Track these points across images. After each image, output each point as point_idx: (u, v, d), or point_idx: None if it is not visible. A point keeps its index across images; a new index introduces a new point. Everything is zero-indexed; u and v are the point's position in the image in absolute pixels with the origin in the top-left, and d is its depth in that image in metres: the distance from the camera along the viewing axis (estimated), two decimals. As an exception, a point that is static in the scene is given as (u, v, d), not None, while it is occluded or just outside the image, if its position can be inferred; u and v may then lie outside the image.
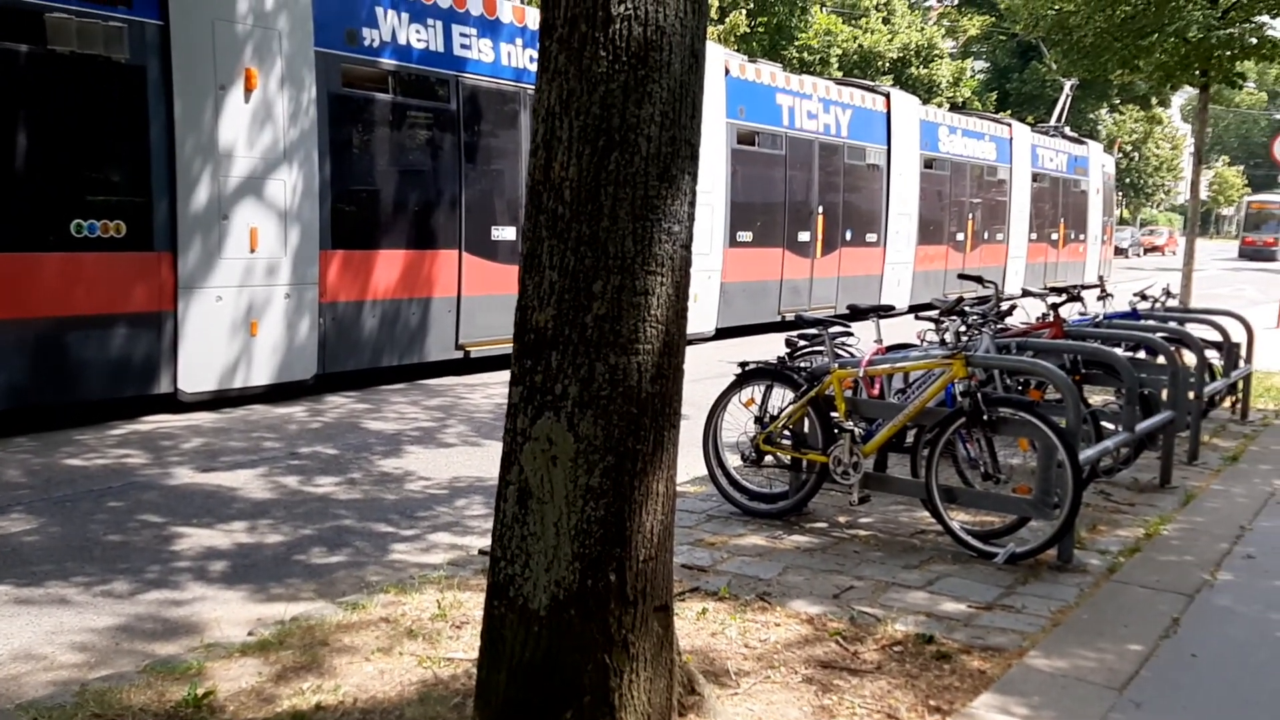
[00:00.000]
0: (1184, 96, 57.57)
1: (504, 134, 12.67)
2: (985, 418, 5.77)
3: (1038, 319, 8.21)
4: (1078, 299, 8.85)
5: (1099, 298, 9.50)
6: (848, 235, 19.18)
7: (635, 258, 3.35)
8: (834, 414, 6.34)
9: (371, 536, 6.14)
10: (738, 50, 28.28)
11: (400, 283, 11.36)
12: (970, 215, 23.08)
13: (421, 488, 7.22)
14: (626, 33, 3.25)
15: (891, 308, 8.25)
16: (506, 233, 12.43)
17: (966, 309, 7.44)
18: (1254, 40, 16.27)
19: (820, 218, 18.37)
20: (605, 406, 3.35)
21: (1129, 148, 46.85)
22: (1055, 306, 8.24)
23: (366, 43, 10.76)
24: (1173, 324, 9.26)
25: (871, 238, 19.78)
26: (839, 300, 18.20)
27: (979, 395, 5.81)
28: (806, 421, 6.45)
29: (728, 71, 16.05)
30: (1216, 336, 9.56)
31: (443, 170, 11.82)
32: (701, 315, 15.38)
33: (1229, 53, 16.27)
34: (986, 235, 23.94)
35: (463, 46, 11.88)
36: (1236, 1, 16.37)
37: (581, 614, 3.40)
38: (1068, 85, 34.55)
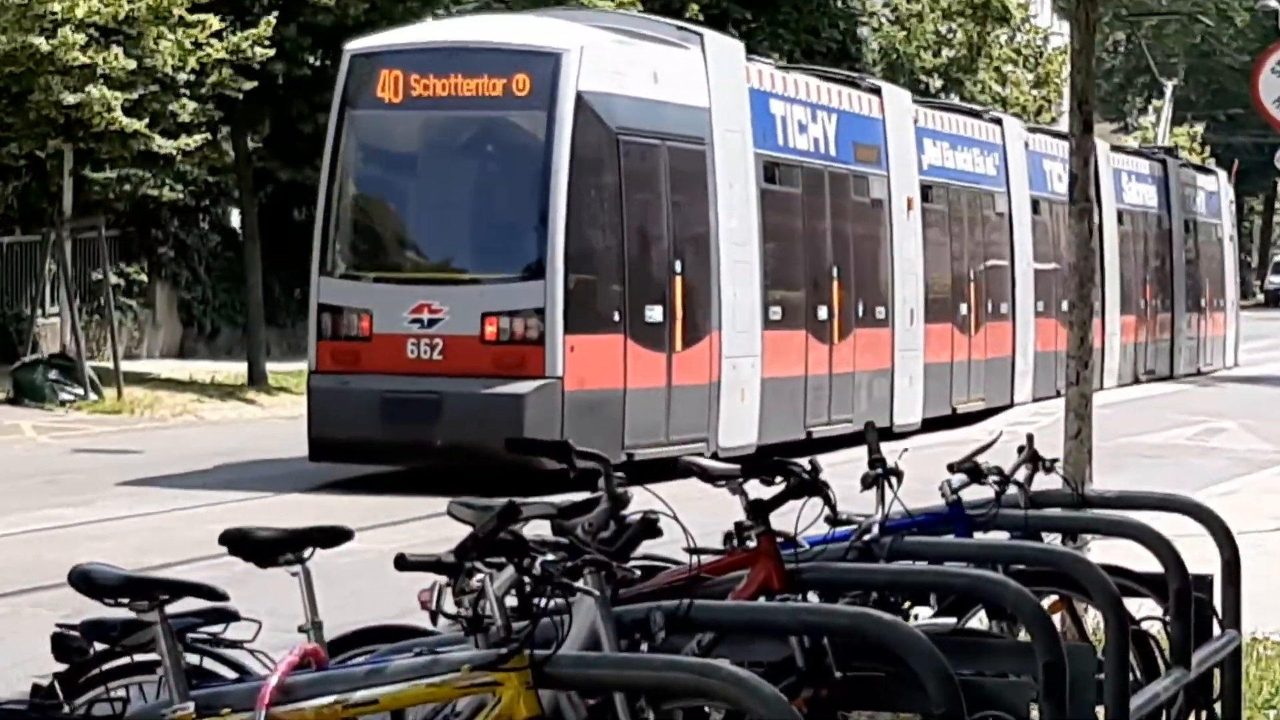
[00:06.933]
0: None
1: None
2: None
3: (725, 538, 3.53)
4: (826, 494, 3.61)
5: (866, 486, 4.25)
6: None
7: None
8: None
9: None
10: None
11: None
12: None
13: None
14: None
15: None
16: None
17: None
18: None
19: None
20: None
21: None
22: (765, 529, 3.39)
23: None
24: (1063, 544, 4.42)
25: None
26: None
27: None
28: None
29: None
30: (1148, 556, 4.65)
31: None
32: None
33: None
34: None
35: None
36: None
37: None
38: None
